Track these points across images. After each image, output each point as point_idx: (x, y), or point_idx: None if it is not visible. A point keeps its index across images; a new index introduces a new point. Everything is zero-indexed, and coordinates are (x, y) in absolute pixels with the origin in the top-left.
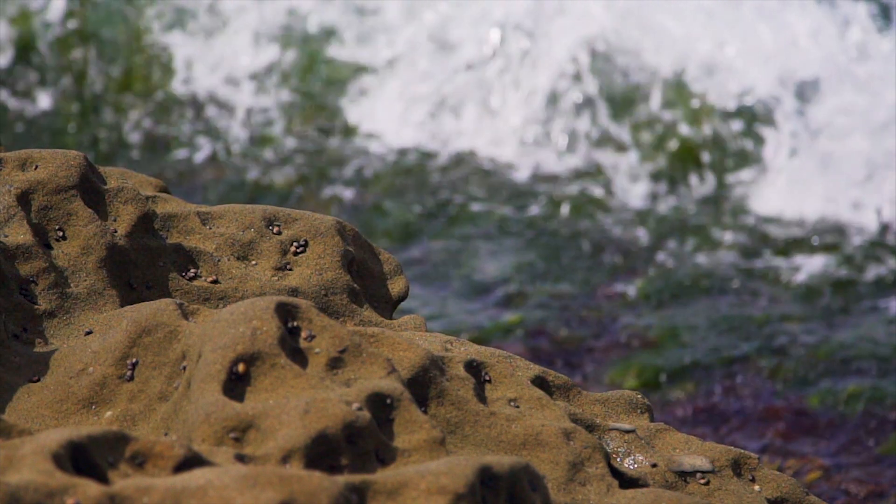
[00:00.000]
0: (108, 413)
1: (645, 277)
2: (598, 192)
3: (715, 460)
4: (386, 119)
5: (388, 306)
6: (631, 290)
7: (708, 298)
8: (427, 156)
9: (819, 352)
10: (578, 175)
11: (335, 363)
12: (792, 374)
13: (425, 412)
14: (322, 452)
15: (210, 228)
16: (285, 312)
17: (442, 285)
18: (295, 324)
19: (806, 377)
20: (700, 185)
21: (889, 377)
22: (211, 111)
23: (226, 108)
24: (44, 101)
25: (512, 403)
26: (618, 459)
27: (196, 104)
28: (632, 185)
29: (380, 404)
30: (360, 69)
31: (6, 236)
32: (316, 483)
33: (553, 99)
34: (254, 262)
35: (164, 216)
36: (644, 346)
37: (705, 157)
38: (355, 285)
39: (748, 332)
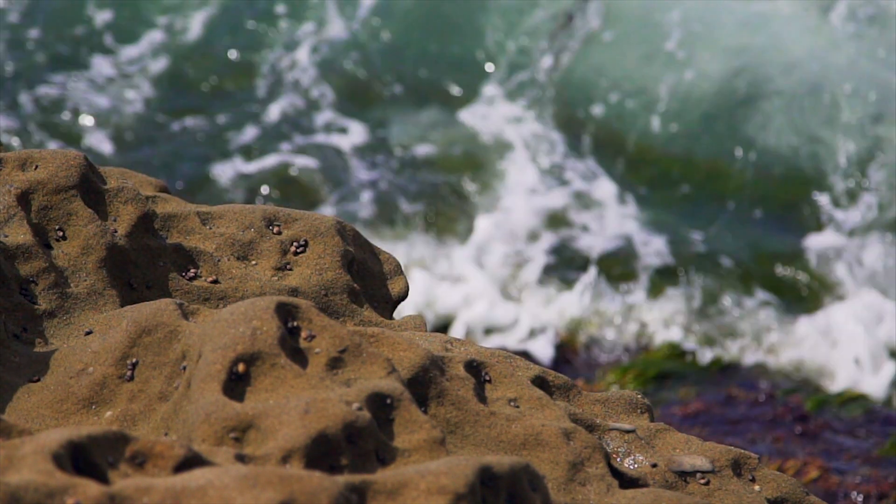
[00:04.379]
0: (108, 413)
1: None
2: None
3: (715, 460)
4: None
5: (388, 306)
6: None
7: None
8: None
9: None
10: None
11: (335, 363)
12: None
13: (425, 412)
14: (322, 452)
15: (210, 228)
16: (285, 312)
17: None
18: (295, 324)
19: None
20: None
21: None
22: None
23: None
24: None
25: (512, 403)
26: (618, 459)
27: None
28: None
29: (380, 404)
30: None
31: (6, 236)
32: (316, 483)
33: None
34: (254, 262)
35: (164, 216)
36: (645, 349)
37: None
38: (355, 285)
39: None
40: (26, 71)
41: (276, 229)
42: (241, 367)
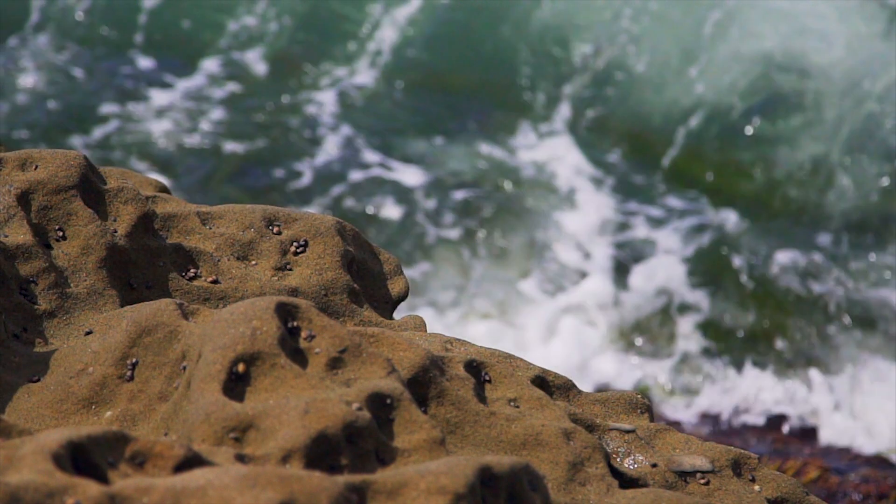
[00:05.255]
0: (108, 413)
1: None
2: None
3: (715, 460)
4: None
5: (388, 306)
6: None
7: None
8: None
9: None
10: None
11: (335, 363)
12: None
13: (425, 412)
14: (322, 452)
15: (210, 228)
16: (285, 312)
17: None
18: (295, 324)
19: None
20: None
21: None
22: None
23: None
24: None
25: (512, 403)
26: (618, 459)
27: None
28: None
29: (380, 404)
30: None
31: (6, 236)
32: (316, 483)
33: None
34: (254, 262)
35: (164, 216)
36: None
37: None
38: (355, 285)
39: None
40: (79, 105)
41: (276, 229)
42: (241, 367)
